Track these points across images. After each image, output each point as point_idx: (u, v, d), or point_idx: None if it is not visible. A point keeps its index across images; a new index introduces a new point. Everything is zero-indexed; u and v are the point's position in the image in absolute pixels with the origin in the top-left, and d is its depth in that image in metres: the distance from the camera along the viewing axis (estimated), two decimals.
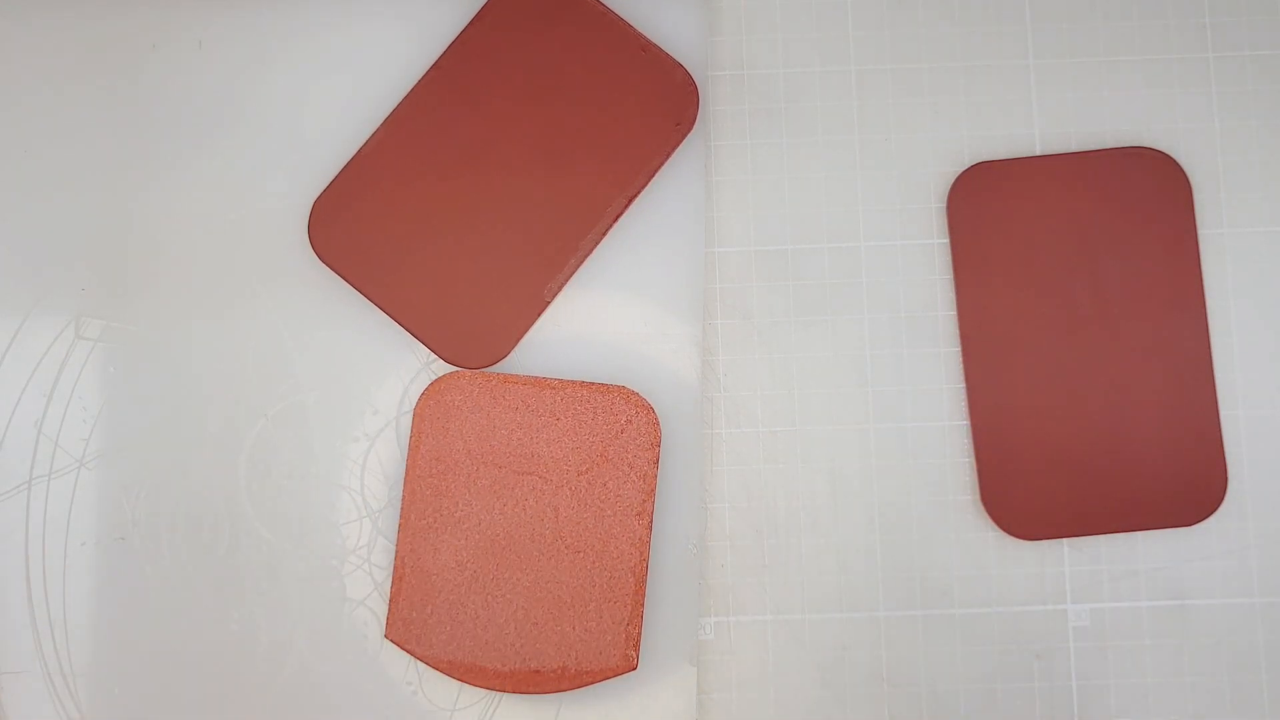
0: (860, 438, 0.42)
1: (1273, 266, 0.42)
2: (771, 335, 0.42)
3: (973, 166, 0.42)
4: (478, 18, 0.42)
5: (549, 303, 0.41)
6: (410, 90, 0.42)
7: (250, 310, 0.41)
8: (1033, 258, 0.41)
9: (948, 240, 0.42)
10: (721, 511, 0.41)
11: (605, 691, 0.40)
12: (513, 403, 0.40)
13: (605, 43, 0.42)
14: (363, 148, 0.41)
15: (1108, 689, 0.41)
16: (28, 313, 0.41)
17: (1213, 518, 0.41)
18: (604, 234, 0.41)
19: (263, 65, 0.42)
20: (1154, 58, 0.43)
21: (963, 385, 0.42)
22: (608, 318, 0.41)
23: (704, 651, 0.41)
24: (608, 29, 0.42)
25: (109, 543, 0.41)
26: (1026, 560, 0.41)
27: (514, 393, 0.40)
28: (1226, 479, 0.41)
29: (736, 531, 0.41)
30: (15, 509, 0.41)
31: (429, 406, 0.40)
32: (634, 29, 0.42)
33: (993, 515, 0.41)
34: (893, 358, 0.42)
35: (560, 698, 0.40)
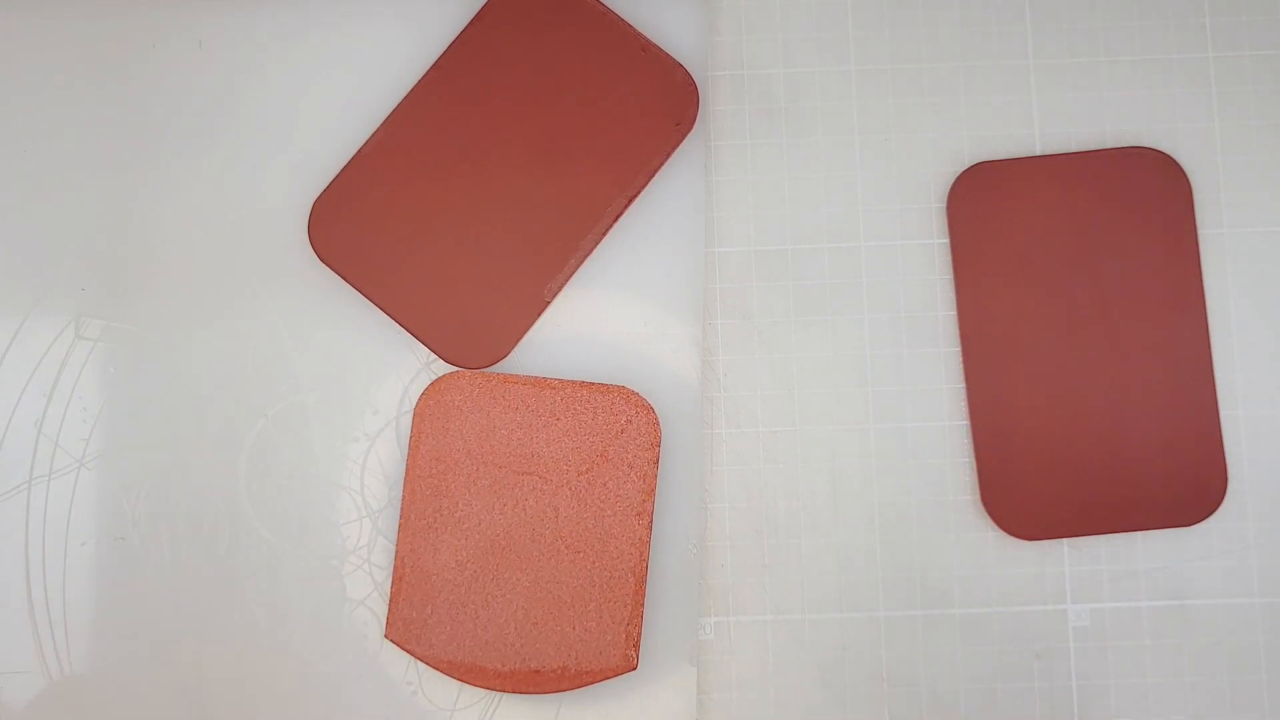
0: (860, 438, 0.42)
1: (1273, 266, 0.42)
2: (771, 335, 0.42)
3: (973, 166, 0.42)
4: (478, 18, 0.42)
5: (549, 303, 0.41)
6: (410, 90, 0.42)
7: (250, 310, 0.41)
8: (1033, 258, 0.41)
9: (948, 240, 0.42)
10: (721, 511, 0.41)
11: (605, 691, 0.40)
12: (513, 403, 0.40)
13: (605, 43, 0.42)
14: (363, 148, 0.41)
15: (1108, 689, 0.41)
16: (28, 313, 0.41)
17: (1213, 518, 0.41)
18: (604, 234, 0.41)
19: (263, 65, 0.42)
20: (1154, 58, 0.43)
21: (963, 385, 0.42)
22: (608, 318, 0.41)
23: (704, 651, 0.41)
24: (608, 29, 0.42)
25: (109, 543, 0.41)
26: (1026, 560, 0.41)
27: (514, 393, 0.40)
28: (1226, 479, 0.41)
29: (736, 531, 0.41)
30: (15, 509, 0.41)
31: (429, 406, 0.40)
32: (634, 29, 0.42)
33: (993, 515, 0.41)
34: (893, 358, 0.42)
35: (560, 698, 0.40)
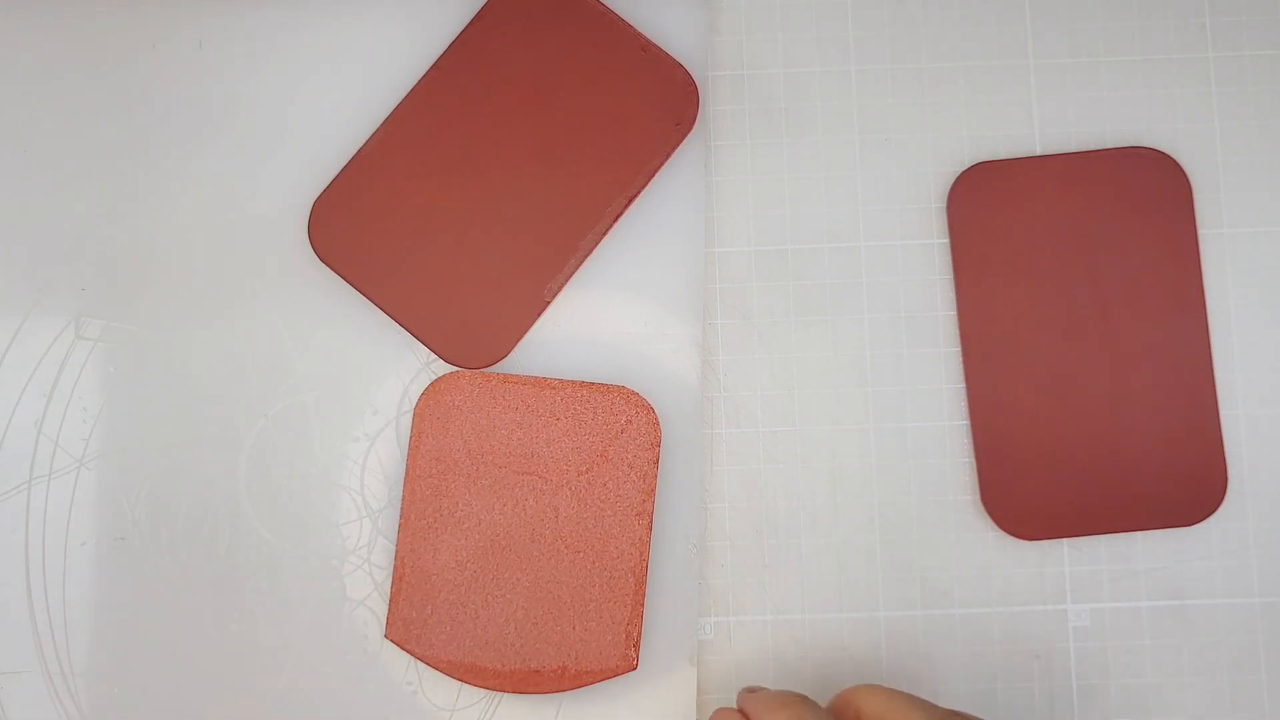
0: (860, 438, 0.42)
1: (1273, 266, 0.42)
2: (771, 335, 0.42)
3: (973, 166, 0.42)
4: (478, 18, 0.42)
5: (549, 303, 0.41)
6: (410, 90, 0.42)
7: (250, 310, 0.41)
8: (1033, 258, 0.41)
9: (948, 240, 0.42)
10: (721, 511, 0.41)
11: (605, 691, 0.40)
12: (513, 403, 0.40)
13: (605, 43, 0.41)
14: (362, 148, 0.41)
15: (1108, 689, 0.41)
16: (28, 313, 0.41)
17: (1213, 518, 0.41)
18: (604, 234, 0.41)
19: (263, 65, 0.42)
20: (1154, 58, 0.43)
21: (963, 385, 0.42)
22: (608, 318, 0.41)
23: (704, 651, 0.41)
24: (608, 29, 0.42)
25: (109, 543, 0.41)
26: (1026, 560, 0.41)
27: (514, 393, 0.40)
28: (1226, 479, 0.41)
29: (736, 531, 0.41)
30: (15, 509, 0.41)
31: (429, 406, 0.40)
32: (634, 29, 0.42)
33: (993, 515, 0.41)
34: (893, 358, 0.42)
35: (560, 697, 0.40)
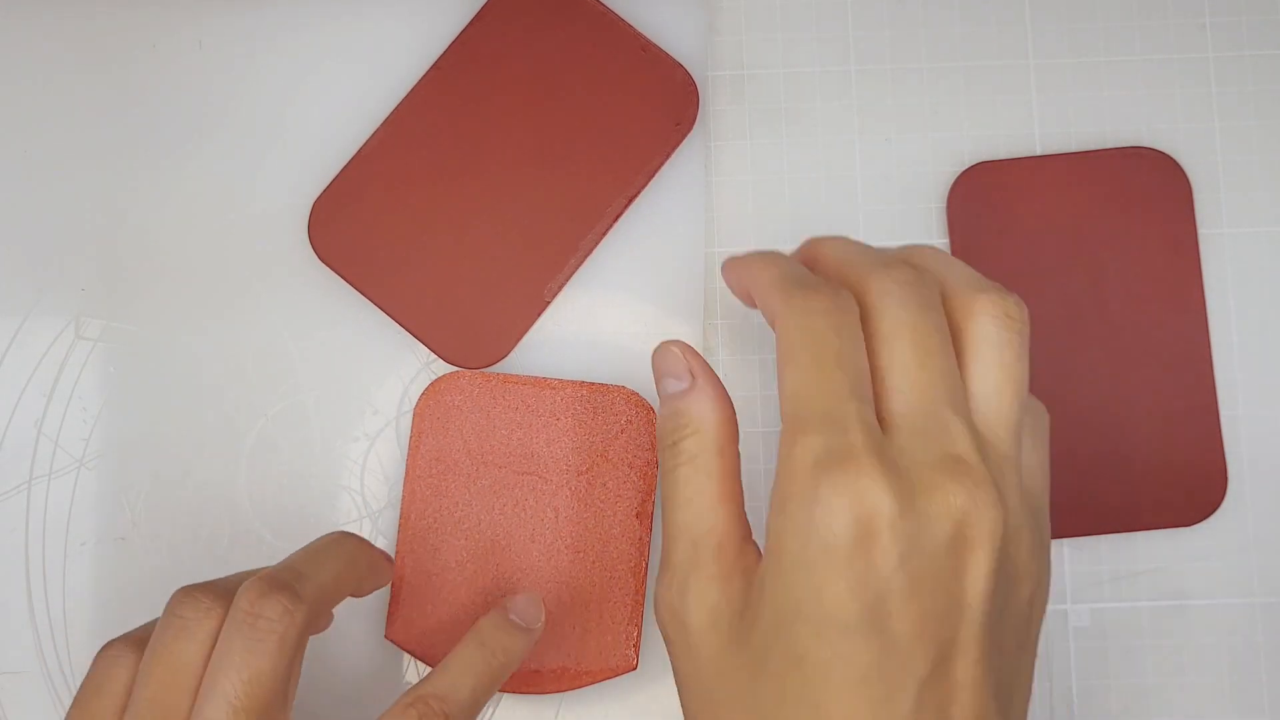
0: None
1: (1273, 266, 0.42)
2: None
3: (973, 166, 0.42)
4: (478, 18, 0.42)
5: (549, 303, 0.41)
6: (410, 90, 0.42)
7: (250, 310, 0.41)
8: (1033, 258, 0.41)
9: (948, 240, 0.42)
10: None
11: (605, 691, 0.40)
12: (512, 403, 0.40)
13: (605, 43, 0.41)
14: (362, 148, 0.41)
15: (1108, 689, 0.41)
16: (28, 313, 0.41)
17: (1213, 518, 0.41)
18: (604, 234, 0.41)
19: (263, 65, 0.42)
20: (1154, 58, 0.43)
21: None
22: (608, 318, 0.41)
23: None
24: (608, 29, 0.42)
25: (109, 543, 0.41)
26: None
27: (514, 393, 0.40)
28: (1226, 479, 0.41)
29: None
30: (15, 509, 0.41)
31: (429, 406, 0.40)
32: (634, 29, 0.42)
33: None
34: None
35: (560, 698, 0.40)
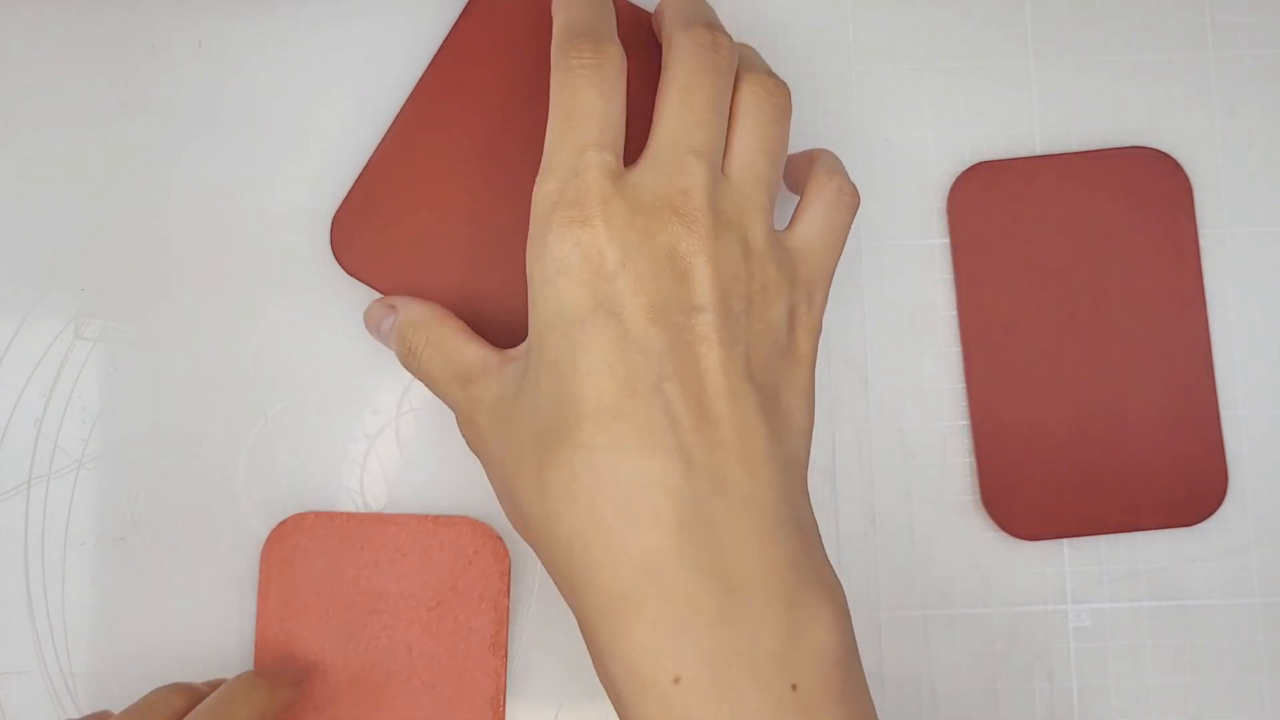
0: (860, 438, 0.42)
1: (1273, 266, 0.42)
2: None
3: (973, 166, 0.42)
4: (467, 10, 0.41)
5: None
6: (415, 87, 0.41)
7: (250, 310, 0.41)
8: (1033, 258, 0.41)
9: (948, 240, 0.42)
10: None
11: (605, 693, 0.40)
12: (357, 541, 0.40)
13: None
14: (375, 153, 0.40)
15: (1108, 689, 0.41)
16: (28, 313, 0.41)
17: (1213, 518, 0.41)
18: None
19: (262, 65, 0.42)
20: (1154, 58, 0.43)
21: (963, 385, 0.41)
22: None
23: None
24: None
25: (109, 543, 0.41)
26: (1026, 560, 0.41)
27: (358, 531, 0.40)
28: (1227, 479, 0.41)
29: None
30: (15, 509, 0.41)
31: (274, 551, 0.40)
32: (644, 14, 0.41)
33: (993, 515, 0.41)
34: (893, 358, 0.42)
35: (560, 698, 0.40)
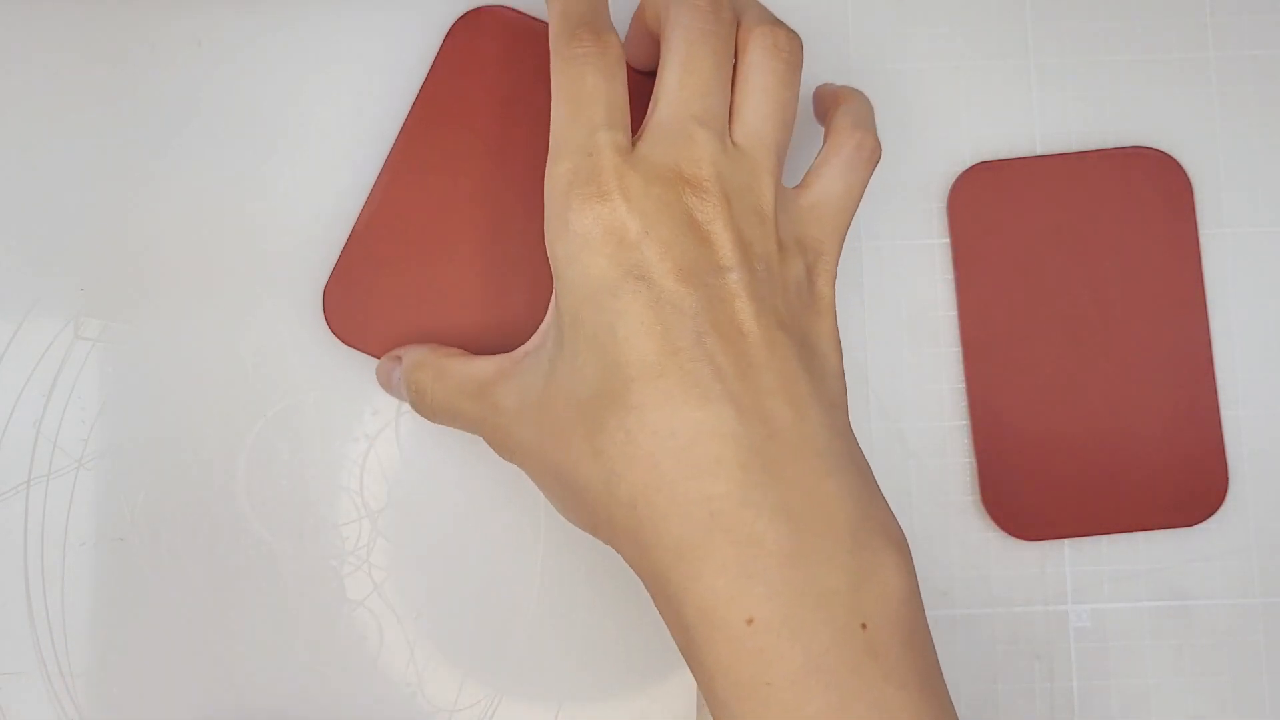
0: (860, 438, 0.41)
1: (1273, 266, 0.42)
2: None
3: (973, 166, 0.42)
4: (442, 53, 0.40)
5: None
6: (395, 141, 0.40)
7: (250, 310, 0.41)
8: (1033, 258, 0.41)
9: (948, 240, 0.42)
10: None
11: (605, 691, 0.40)
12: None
13: None
14: (359, 221, 0.40)
15: (1108, 689, 0.41)
16: (27, 313, 0.41)
17: (1213, 518, 0.41)
18: None
19: (263, 65, 0.42)
20: (1154, 58, 0.43)
21: (963, 385, 0.41)
22: None
23: None
24: None
25: (109, 543, 0.41)
26: (1026, 560, 0.41)
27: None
28: (1227, 479, 0.41)
29: None
30: (14, 509, 0.41)
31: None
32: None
33: (993, 515, 0.41)
34: (893, 358, 0.42)
35: (560, 698, 0.40)
